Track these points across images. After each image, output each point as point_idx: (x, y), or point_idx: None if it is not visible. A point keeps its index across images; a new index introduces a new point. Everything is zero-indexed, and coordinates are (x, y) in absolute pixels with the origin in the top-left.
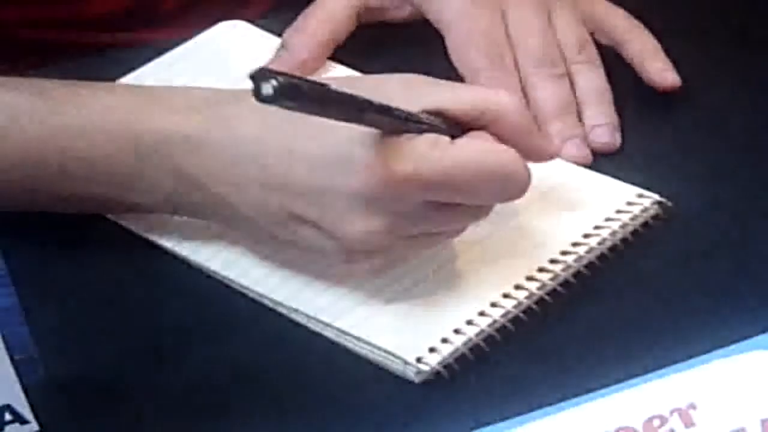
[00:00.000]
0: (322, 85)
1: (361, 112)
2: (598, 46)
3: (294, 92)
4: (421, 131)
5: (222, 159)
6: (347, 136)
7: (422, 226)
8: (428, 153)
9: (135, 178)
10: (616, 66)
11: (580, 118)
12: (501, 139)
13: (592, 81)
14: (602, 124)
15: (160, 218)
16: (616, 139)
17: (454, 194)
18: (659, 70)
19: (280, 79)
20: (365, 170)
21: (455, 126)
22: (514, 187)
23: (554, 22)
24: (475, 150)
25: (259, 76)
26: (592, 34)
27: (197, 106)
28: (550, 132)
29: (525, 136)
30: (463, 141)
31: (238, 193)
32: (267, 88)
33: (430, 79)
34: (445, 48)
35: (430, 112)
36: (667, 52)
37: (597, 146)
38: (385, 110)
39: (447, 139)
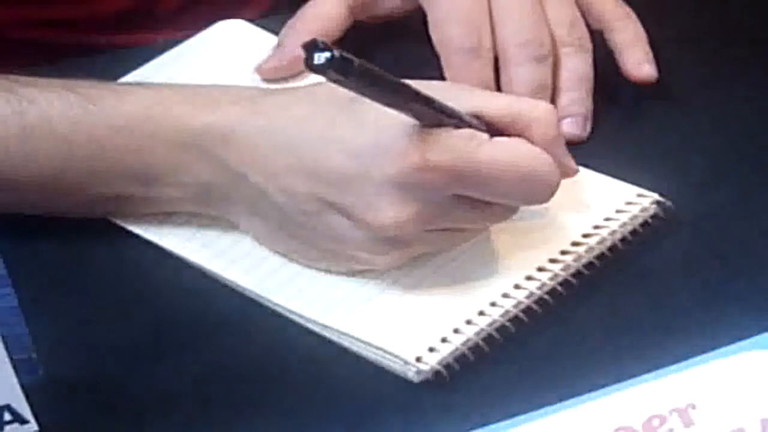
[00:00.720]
0: (373, 66)
1: (405, 99)
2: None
3: (345, 66)
4: (459, 128)
5: (260, 148)
6: (384, 124)
7: (450, 220)
8: (464, 146)
9: (169, 171)
10: (616, 64)
11: (553, 103)
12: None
13: (576, 67)
14: (573, 114)
15: (161, 219)
16: (585, 131)
17: (485, 190)
18: (637, 61)
19: (334, 51)
20: (400, 156)
21: (493, 130)
22: (544, 189)
23: (545, 2)
24: (510, 148)
25: (312, 47)
26: (582, 16)
27: (236, 100)
28: None
29: (554, 148)
30: (499, 138)
31: (274, 182)
32: (320, 58)
33: (468, 86)
34: None
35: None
36: (668, 52)
37: (564, 136)
38: (429, 102)
39: (485, 135)
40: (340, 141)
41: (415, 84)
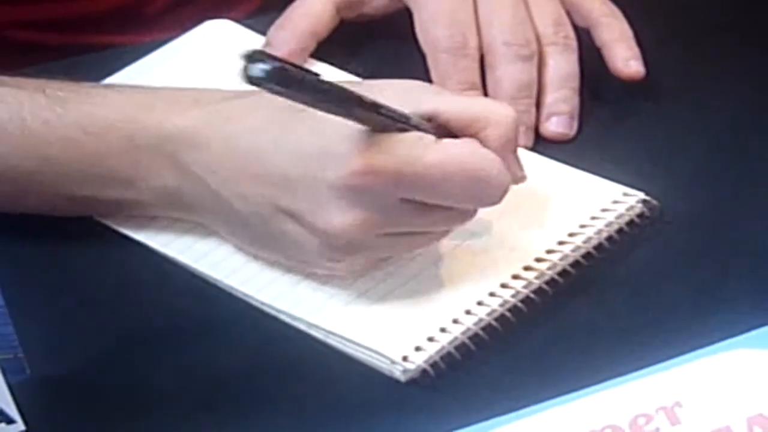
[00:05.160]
0: (315, 75)
1: (350, 107)
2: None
3: (283, 78)
4: (406, 131)
5: (219, 153)
6: (335, 131)
7: (401, 225)
8: (409, 149)
9: (136, 175)
10: (602, 62)
11: (539, 102)
12: (487, 148)
13: (561, 65)
14: (559, 113)
15: (147, 219)
16: (571, 129)
17: (431, 193)
18: (624, 58)
19: (271, 62)
20: (346, 162)
21: (448, 133)
22: (492, 192)
23: (530, 1)
24: (456, 150)
25: (250, 58)
26: (568, 14)
27: (200, 103)
28: None
29: (505, 152)
30: (447, 141)
31: (232, 188)
32: (255, 70)
33: (430, 86)
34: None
35: (423, 116)
36: (654, 50)
37: (550, 135)
38: (375, 108)
39: (432, 138)
40: (292, 145)
41: (376, 82)
